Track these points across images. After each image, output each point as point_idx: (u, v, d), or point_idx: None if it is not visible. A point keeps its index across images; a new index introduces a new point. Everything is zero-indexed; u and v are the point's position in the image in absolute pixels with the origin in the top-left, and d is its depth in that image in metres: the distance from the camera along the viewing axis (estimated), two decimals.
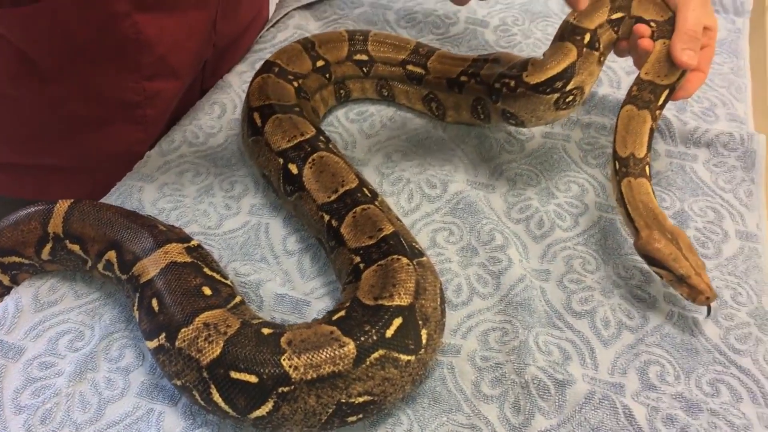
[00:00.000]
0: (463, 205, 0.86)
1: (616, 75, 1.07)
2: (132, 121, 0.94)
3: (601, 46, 0.85)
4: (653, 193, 0.78)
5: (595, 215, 0.86)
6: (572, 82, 0.82)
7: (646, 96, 0.82)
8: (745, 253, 0.82)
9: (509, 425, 0.66)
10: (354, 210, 0.74)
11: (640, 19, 0.85)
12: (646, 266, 0.80)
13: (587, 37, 0.83)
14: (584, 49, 0.83)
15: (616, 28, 0.86)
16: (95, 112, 0.92)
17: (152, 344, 0.66)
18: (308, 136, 0.81)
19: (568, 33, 0.84)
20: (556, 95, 0.82)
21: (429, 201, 0.87)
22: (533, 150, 0.95)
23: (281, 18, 1.17)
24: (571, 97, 0.83)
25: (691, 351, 0.72)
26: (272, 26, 1.16)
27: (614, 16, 0.85)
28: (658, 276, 0.75)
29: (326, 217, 0.75)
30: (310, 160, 0.78)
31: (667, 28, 0.83)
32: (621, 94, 1.02)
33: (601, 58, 0.86)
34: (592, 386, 0.68)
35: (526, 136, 0.96)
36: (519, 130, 0.97)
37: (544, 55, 0.85)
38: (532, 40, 1.15)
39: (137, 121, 0.94)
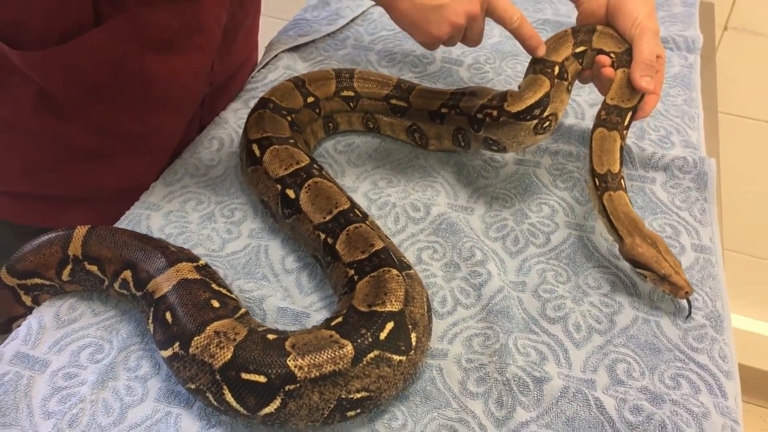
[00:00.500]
0: (445, 226, 0.94)
1: (580, 107, 1.18)
2: (139, 152, 1.01)
3: (569, 76, 0.96)
4: (630, 203, 0.88)
5: (565, 233, 0.95)
6: (548, 109, 0.92)
7: (614, 119, 0.92)
8: (700, 264, 0.91)
9: (494, 418, 0.73)
10: (347, 228, 0.82)
11: (601, 51, 0.96)
12: (611, 277, 0.89)
13: (557, 69, 0.94)
14: (555, 80, 0.93)
15: (580, 60, 0.97)
16: (105, 145, 0.98)
17: (167, 353, 0.71)
18: (303, 165, 0.89)
19: (539, 66, 0.94)
20: (535, 121, 0.92)
21: (414, 223, 0.95)
22: (507, 175, 1.03)
23: (271, 59, 1.26)
24: (547, 123, 0.94)
25: (654, 350, 0.81)
26: (263, 67, 1.25)
27: (578, 50, 0.96)
28: (642, 277, 0.84)
29: (322, 236, 0.82)
30: (306, 185, 0.86)
31: (625, 58, 0.94)
32: (585, 124, 1.12)
33: (569, 87, 0.97)
34: (567, 382, 0.76)
35: (500, 162, 1.05)
36: (494, 158, 1.06)
37: (519, 87, 0.94)
38: (503, 77, 1.25)
39: (144, 153, 1.01)
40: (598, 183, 0.89)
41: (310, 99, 1.03)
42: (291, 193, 0.86)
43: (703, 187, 1.03)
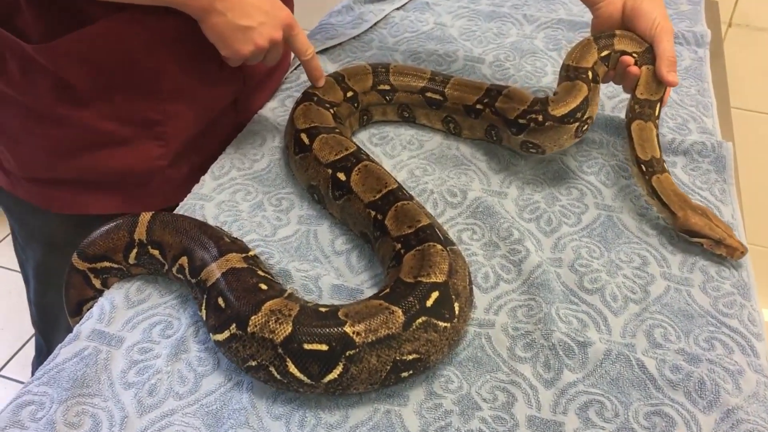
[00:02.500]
0: (482, 209, 1.00)
1: (600, 99, 1.23)
2: (153, 137, 1.06)
3: (600, 79, 1.04)
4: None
5: (595, 213, 1.00)
6: (587, 112, 1.01)
7: (647, 111, 1.02)
8: None
9: (543, 379, 0.78)
10: (395, 205, 0.88)
11: (623, 52, 1.05)
12: (643, 252, 0.94)
13: (590, 74, 1.02)
14: (591, 84, 1.01)
15: (606, 63, 1.05)
16: (121, 130, 1.03)
17: (222, 336, 0.75)
18: (352, 150, 0.95)
19: (573, 73, 1.02)
20: (577, 124, 1.00)
21: (452, 207, 1.01)
22: (536, 163, 1.09)
23: None
24: (585, 126, 1.02)
25: (687, 316, 0.86)
26: (295, 68, 1.30)
27: (603, 54, 1.05)
28: (699, 245, 0.92)
29: (372, 213, 0.88)
30: (356, 168, 0.92)
31: (646, 57, 1.04)
32: (605, 114, 1.18)
33: (598, 89, 1.05)
34: (609, 346, 0.81)
35: None
36: None
37: (555, 93, 1.02)
38: (523, 73, 1.31)
39: (158, 138, 1.06)
40: (644, 169, 0.98)
41: (350, 93, 1.09)
42: (342, 176, 0.92)
43: (722, 170, 1.08)
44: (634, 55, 1.04)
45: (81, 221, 1.06)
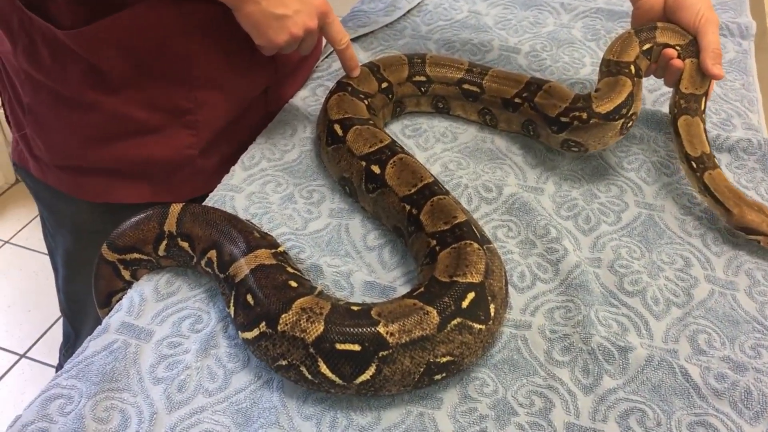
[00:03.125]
0: (518, 205, 0.97)
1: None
2: (184, 126, 1.04)
3: (642, 73, 1.01)
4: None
5: (636, 211, 0.97)
6: (632, 108, 0.98)
7: (693, 105, 0.98)
8: None
9: (581, 385, 0.75)
10: (431, 200, 0.85)
11: (666, 45, 1.01)
12: (686, 253, 0.91)
13: (632, 69, 0.98)
14: (634, 78, 0.98)
15: (648, 57, 1.02)
16: (152, 118, 1.02)
17: (251, 334, 0.74)
18: (387, 143, 0.93)
19: (614, 68, 0.99)
20: (622, 120, 0.97)
21: (487, 203, 0.98)
22: (573, 158, 1.06)
23: (333, 50, 1.29)
24: (630, 122, 0.99)
25: (732, 322, 0.82)
26: (326, 57, 1.28)
27: (645, 47, 1.01)
28: (756, 242, 0.90)
29: (407, 207, 0.86)
30: (391, 161, 0.90)
31: (690, 49, 1.00)
32: (645, 108, 1.14)
33: (641, 84, 1.01)
34: (651, 351, 0.78)
35: None
36: None
37: (597, 90, 0.99)
38: (560, 64, 1.27)
39: (188, 126, 1.04)
40: (695, 165, 0.95)
41: (384, 84, 1.06)
42: (376, 169, 0.90)
43: None
44: (677, 47, 1.00)
45: (110, 209, 1.05)
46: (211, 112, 1.06)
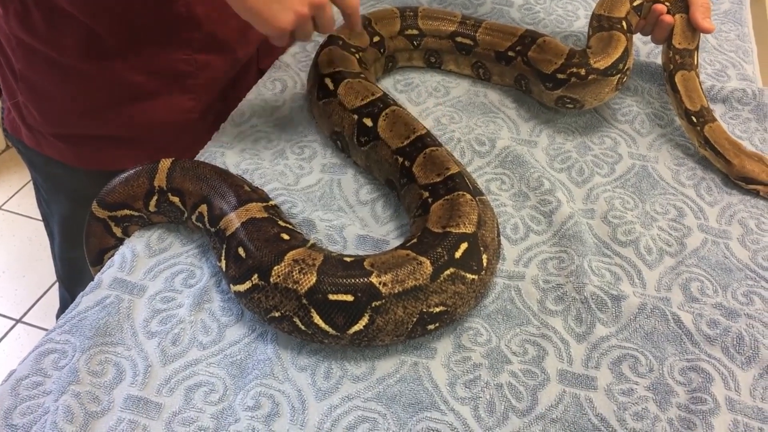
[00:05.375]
0: (511, 158, 0.96)
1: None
2: (184, 90, 1.03)
3: (633, 28, 1.00)
4: None
5: (629, 163, 0.97)
6: (627, 63, 0.97)
7: (687, 60, 0.99)
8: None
9: (574, 333, 0.76)
10: (424, 151, 0.85)
11: (655, 1, 1.01)
12: (679, 203, 0.91)
13: (624, 24, 0.98)
14: (627, 34, 0.98)
15: (638, 12, 1.01)
16: (152, 83, 1.00)
17: (243, 287, 0.73)
18: (378, 95, 0.92)
19: (606, 23, 0.98)
20: (618, 76, 0.97)
21: (480, 156, 0.97)
22: (566, 112, 1.05)
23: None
24: (625, 77, 0.99)
25: (725, 270, 0.83)
26: None
27: (636, 3, 1.01)
28: (755, 192, 0.91)
29: (400, 159, 0.85)
30: (383, 113, 0.89)
31: (679, 4, 1.00)
32: (639, 59, 1.13)
33: (632, 39, 1.01)
34: (643, 300, 0.78)
35: None
36: None
37: (589, 45, 0.98)
38: (554, 17, 1.25)
39: (189, 91, 1.03)
40: (695, 120, 0.95)
41: (376, 38, 1.05)
42: (368, 122, 0.89)
43: (762, 118, 1.04)
44: (667, 3, 1.01)
45: (109, 174, 1.04)
46: (211, 75, 1.04)
